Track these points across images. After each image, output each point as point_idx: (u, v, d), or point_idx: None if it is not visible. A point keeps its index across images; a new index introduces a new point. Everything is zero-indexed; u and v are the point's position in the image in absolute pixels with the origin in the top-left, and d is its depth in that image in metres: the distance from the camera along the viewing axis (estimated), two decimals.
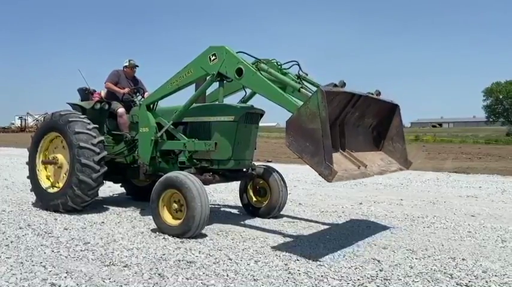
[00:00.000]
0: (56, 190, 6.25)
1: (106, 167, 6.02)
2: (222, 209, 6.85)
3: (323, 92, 3.85)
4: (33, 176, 6.52)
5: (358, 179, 4.82)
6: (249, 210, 6.23)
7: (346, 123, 4.78)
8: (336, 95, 4.28)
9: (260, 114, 5.72)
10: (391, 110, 5.20)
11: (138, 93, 6.84)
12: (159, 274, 3.60)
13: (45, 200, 6.28)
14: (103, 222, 5.56)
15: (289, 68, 5.48)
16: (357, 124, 5.00)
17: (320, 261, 4.04)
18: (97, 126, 6.22)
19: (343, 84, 4.33)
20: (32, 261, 3.89)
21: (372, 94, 4.91)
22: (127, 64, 7.15)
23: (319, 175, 3.83)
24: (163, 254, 4.15)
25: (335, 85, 4.41)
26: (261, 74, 4.82)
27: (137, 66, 7.24)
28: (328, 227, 5.64)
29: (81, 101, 6.89)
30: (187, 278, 3.53)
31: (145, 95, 6.86)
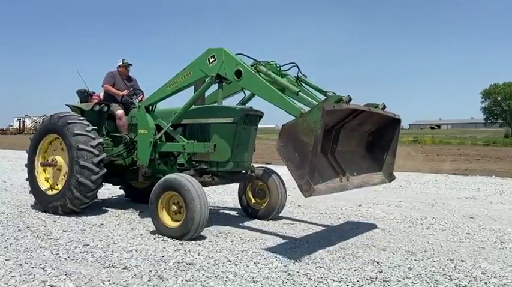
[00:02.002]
0: (54, 192, 6.23)
1: (105, 169, 6.02)
2: (221, 211, 6.85)
3: (324, 110, 3.82)
4: (32, 178, 6.50)
5: (336, 193, 4.89)
6: (248, 212, 6.23)
7: (344, 128, 4.78)
8: (337, 111, 4.24)
9: (259, 116, 5.73)
10: (392, 122, 5.22)
11: (136, 95, 6.84)
12: (159, 276, 3.60)
13: (44, 202, 6.26)
14: (102, 224, 5.55)
15: (288, 69, 5.51)
16: (354, 129, 5.01)
17: (319, 263, 4.04)
18: (96, 128, 6.22)
19: (349, 100, 4.23)
20: (31, 263, 3.88)
21: (377, 107, 4.89)
22: (121, 63, 7.16)
23: (298, 187, 3.90)
24: (163, 256, 4.15)
25: (341, 99, 4.24)
26: (260, 76, 4.82)
27: (131, 64, 7.24)
28: (327, 228, 5.65)
29: (80, 103, 6.88)
30: (186, 280, 3.53)
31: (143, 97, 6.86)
